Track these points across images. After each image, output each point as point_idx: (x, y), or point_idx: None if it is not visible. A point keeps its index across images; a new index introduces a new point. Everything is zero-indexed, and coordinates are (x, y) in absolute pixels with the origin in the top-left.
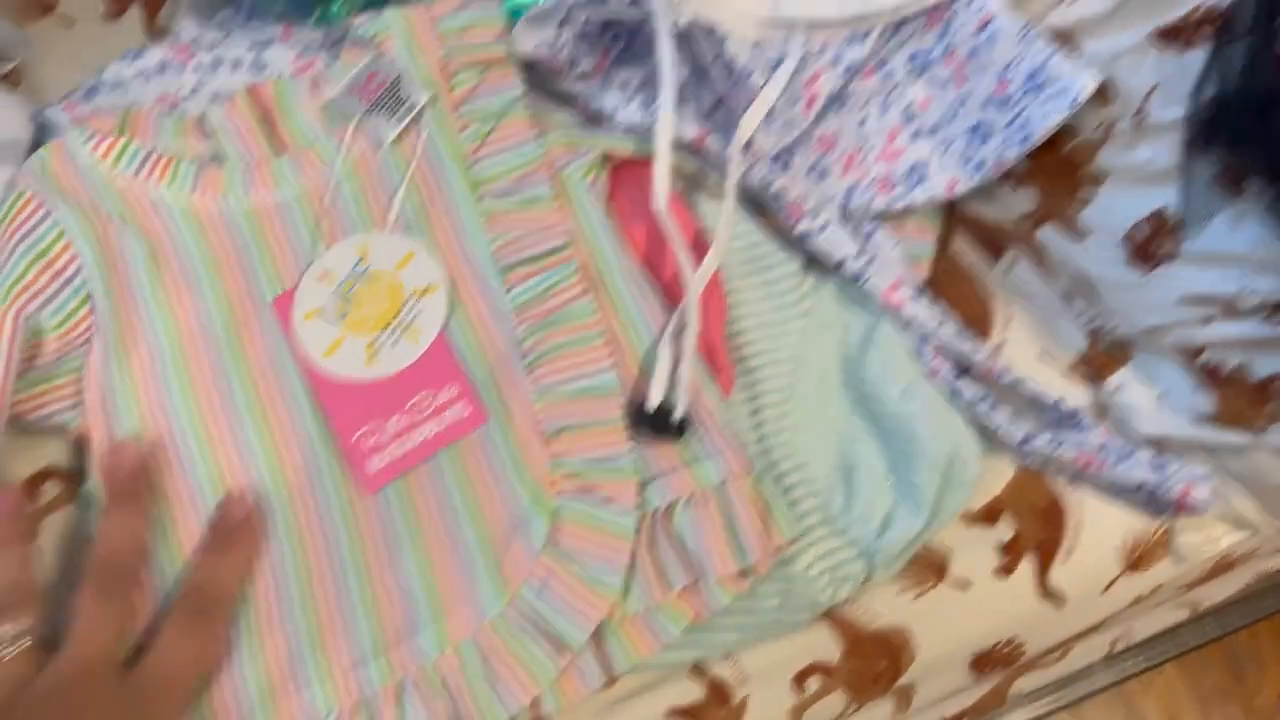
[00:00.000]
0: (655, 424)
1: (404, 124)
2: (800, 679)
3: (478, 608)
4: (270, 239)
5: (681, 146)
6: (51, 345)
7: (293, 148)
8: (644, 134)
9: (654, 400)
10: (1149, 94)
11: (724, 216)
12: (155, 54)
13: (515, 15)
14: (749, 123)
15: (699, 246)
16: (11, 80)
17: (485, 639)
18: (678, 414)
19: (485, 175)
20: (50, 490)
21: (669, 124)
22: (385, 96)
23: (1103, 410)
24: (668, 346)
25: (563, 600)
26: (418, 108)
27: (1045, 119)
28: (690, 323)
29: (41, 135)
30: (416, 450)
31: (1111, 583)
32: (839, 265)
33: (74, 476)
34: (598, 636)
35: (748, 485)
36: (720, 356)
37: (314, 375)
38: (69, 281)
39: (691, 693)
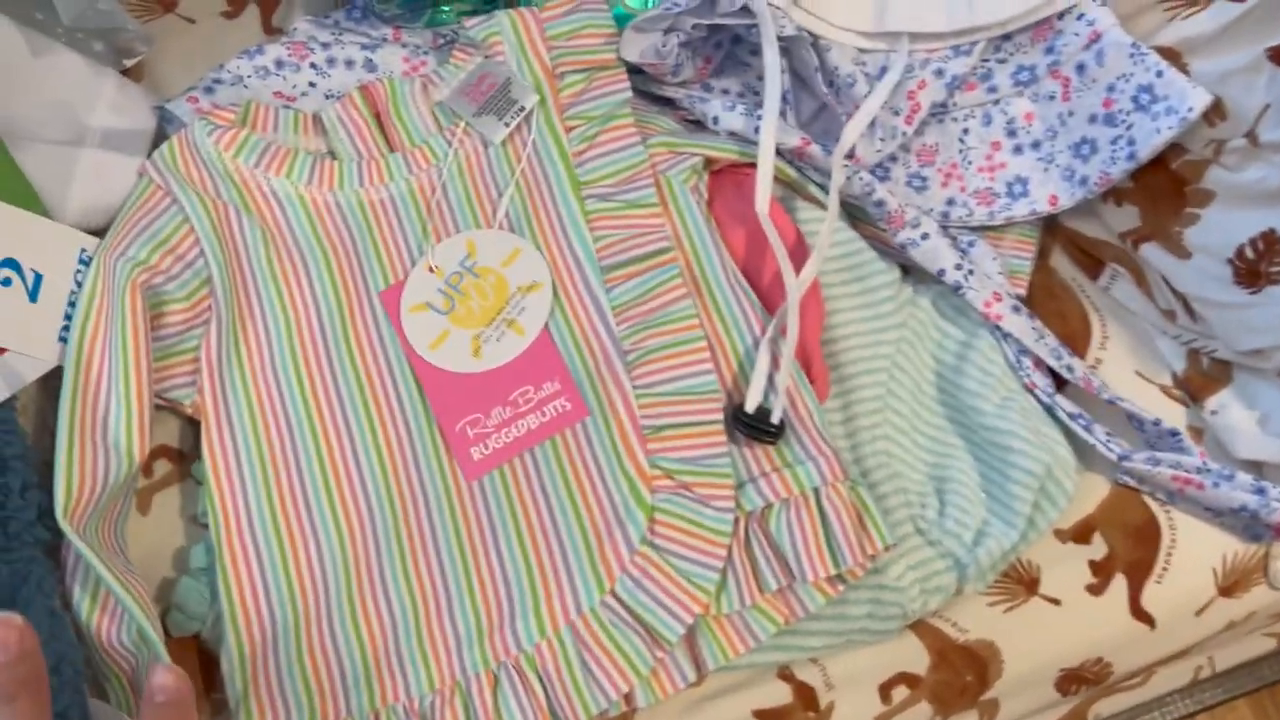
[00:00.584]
0: (753, 426)
1: (513, 126)
2: (886, 688)
3: (575, 597)
4: (380, 232)
5: (783, 153)
6: (176, 318)
7: (404, 146)
8: (746, 140)
9: (752, 403)
10: (1261, 114)
11: (826, 223)
12: (273, 52)
13: (620, 20)
14: (853, 131)
15: (798, 252)
16: (135, 75)
17: (582, 628)
18: (775, 417)
19: (590, 177)
20: (161, 468)
21: (773, 131)
22: (495, 98)
23: (1200, 432)
24: (766, 350)
25: (659, 595)
26: (527, 110)
27: (1153, 136)
28: (790, 328)
29: (165, 127)
30: (518, 441)
31: (1205, 606)
32: (939, 275)
33: (185, 455)
34: (690, 634)
35: (844, 490)
36: (816, 362)
37: (419, 365)
38: (190, 264)
39: (778, 695)
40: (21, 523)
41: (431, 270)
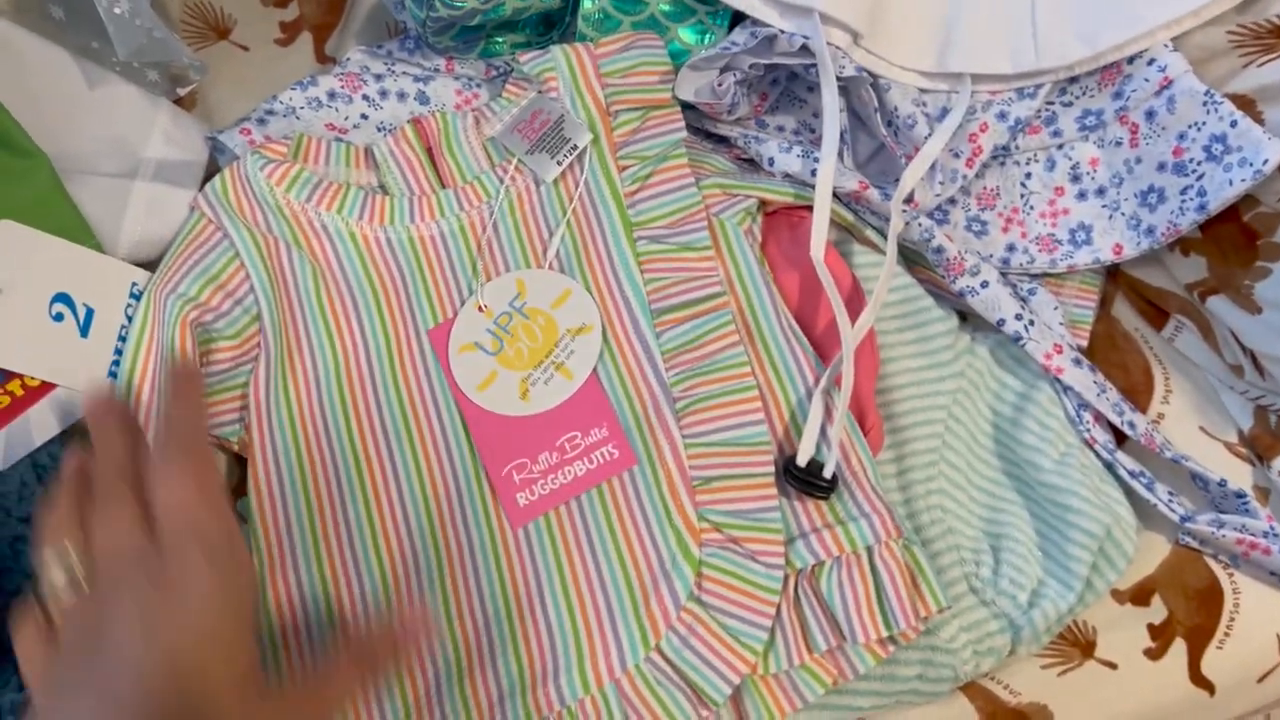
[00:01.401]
0: (804, 480)
1: (566, 165)
2: None
3: (621, 653)
4: (430, 269)
5: (840, 196)
6: (225, 354)
7: (455, 181)
8: (801, 183)
9: (804, 456)
10: None
11: (885, 270)
12: (325, 83)
13: (676, 57)
14: (912, 175)
15: (854, 299)
16: (187, 103)
17: (627, 686)
18: (828, 471)
19: (642, 218)
20: None
21: (830, 174)
22: (549, 135)
23: (1266, 492)
24: (820, 401)
25: (705, 654)
26: (580, 149)
27: (1225, 188)
28: (845, 378)
29: (216, 158)
30: (565, 488)
31: (1269, 673)
32: (998, 325)
33: (233, 492)
34: (736, 693)
35: (898, 549)
36: (871, 414)
37: (467, 407)
38: (239, 301)
39: None
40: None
41: (481, 310)
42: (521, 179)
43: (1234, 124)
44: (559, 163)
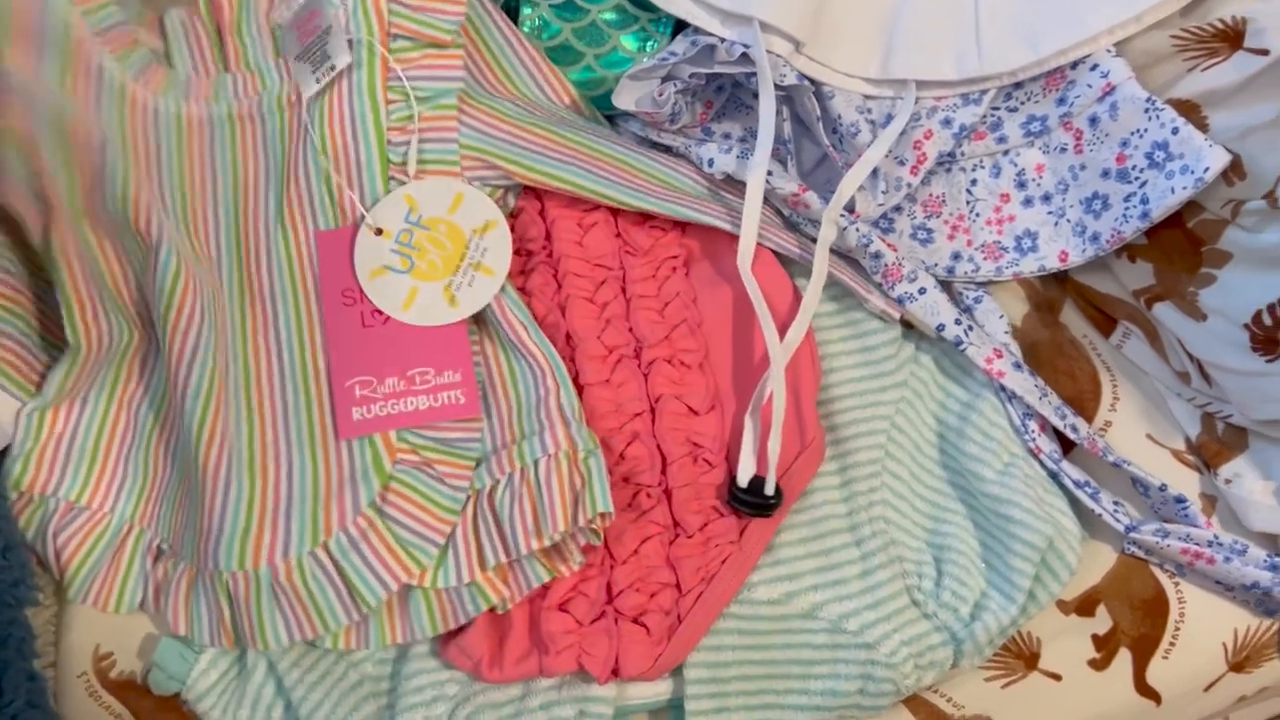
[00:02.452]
0: (749, 502)
1: (323, 85)
2: None
3: (286, 541)
4: (190, 149)
5: (779, 201)
6: None
7: (238, 65)
8: (740, 183)
9: (744, 476)
10: None
11: (813, 280)
12: None
13: (618, 65)
14: (851, 182)
15: (795, 312)
16: None
17: (282, 573)
18: (769, 488)
19: (398, 159)
20: None
21: (760, 183)
22: (315, 45)
23: (1214, 500)
24: (750, 421)
25: (371, 559)
26: (336, 70)
27: (1167, 196)
28: (776, 395)
29: None
30: (402, 417)
31: (1214, 682)
32: (938, 331)
33: None
34: (405, 601)
35: (564, 461)
36: (811, 427)
37: (329, 313)
38: None
39: None
40: (3, 584)
41: (379, 233)
42: (292, 82)
43: (1175, 131)
44: (317, 80)
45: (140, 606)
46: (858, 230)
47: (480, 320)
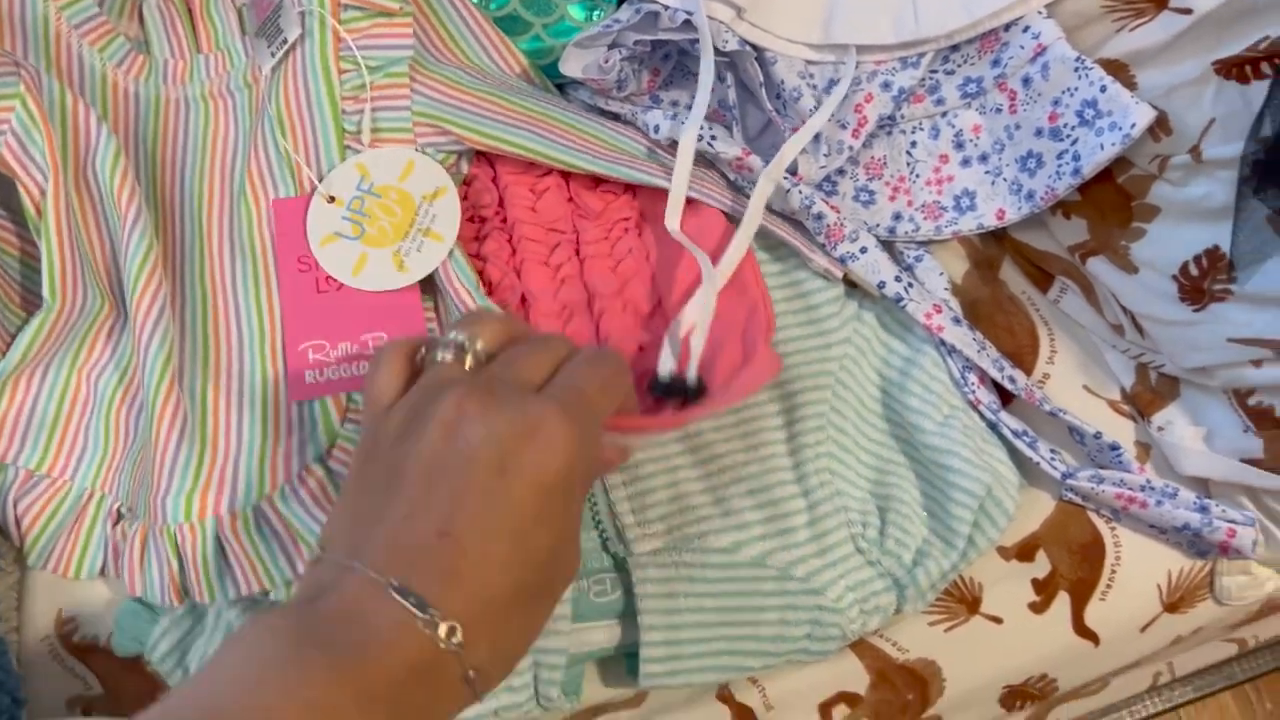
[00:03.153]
0: (670, 389)
1: (279, 58)
2: (826, 707)
3: (232, 495)
4: (165, 130)
5: (724, 165)
6: None
7: (209, 46)
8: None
9: (664, 368)
10: (1206, 129)
11: (745, 222)
12: None
13: (564, 34)
14: (793, 147)
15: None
16: None
17: (228, 525)
18: (690, 376)
19: (352, 128)
20: None
21: (691, 143)
22: (270, 20)
23: (1148, 448)
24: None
25: (315, 512)
26: (289, 44)
27: (1097, 152)
28: (705, 306)
29: None
30: (354, 381)
31: (1150, 623)
32: (879, 289)
33: None
34: None
35: None
36: (759, 350)
37: (284, 279)
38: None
39: (717, 717)
40: None
41: (331, 201)
42: (254, 56)
43: (1104, 89)
44: (272, 54)
45: (101, 573)
46: (801, 193)
47: (434, 288)
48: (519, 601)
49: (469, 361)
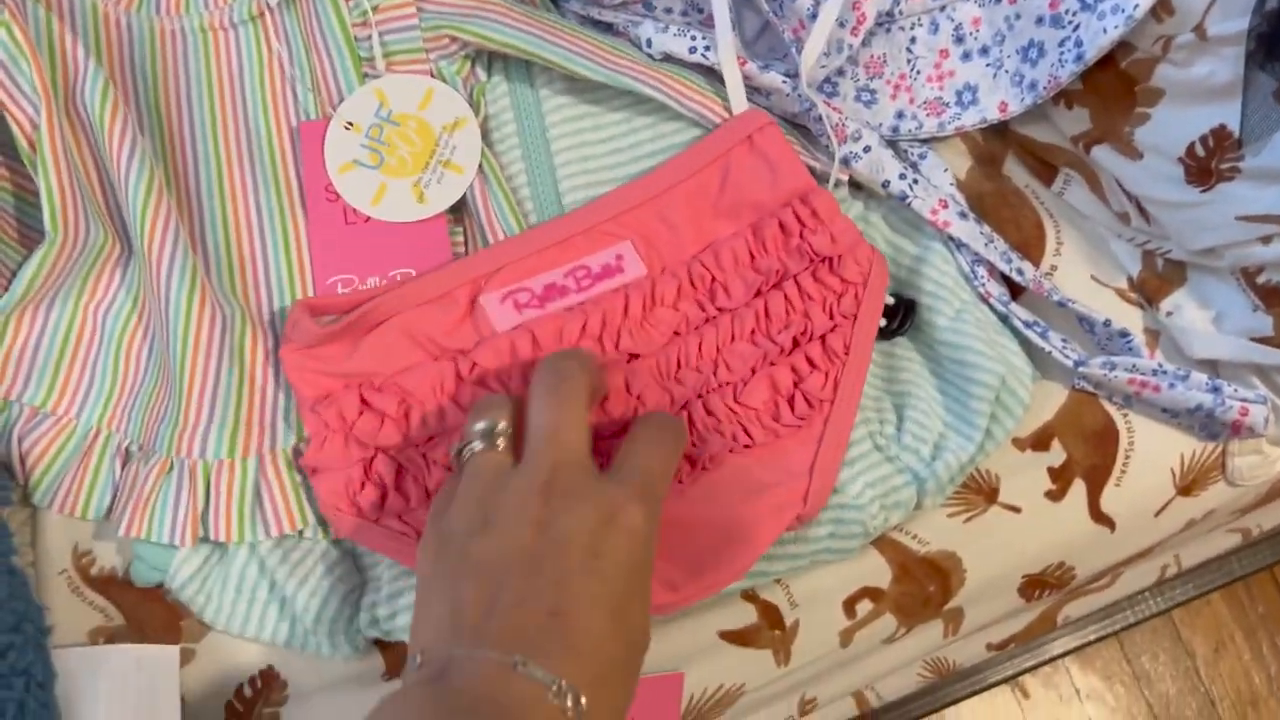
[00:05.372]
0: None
1: None
2: (850, 603)
3: (274, 436)
4: (164, 62)
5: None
6: None
7: None
8: (679, 61)
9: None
10: (1209, 6)
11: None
12: None
13: None
14: (812, 52)
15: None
16: None
17: (269, 464)
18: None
19: (366, 54)
20: None
21: (731, 46)
22: None
23: (1157, 335)
24: None
25: None
26: None
27: (1100, 36)
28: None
29: None
30: None
31: (1164, 506)
32: (884, 187)
33: None
34: None
35: None
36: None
37: (312, 207)
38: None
39: (744, 616)
40: None
41: (349, 127)
42: None
43: None
44: None
45: (109, 515)
46: (800, 96)
47: (466, 220)
48: (625, 667)
49: (501, 444)
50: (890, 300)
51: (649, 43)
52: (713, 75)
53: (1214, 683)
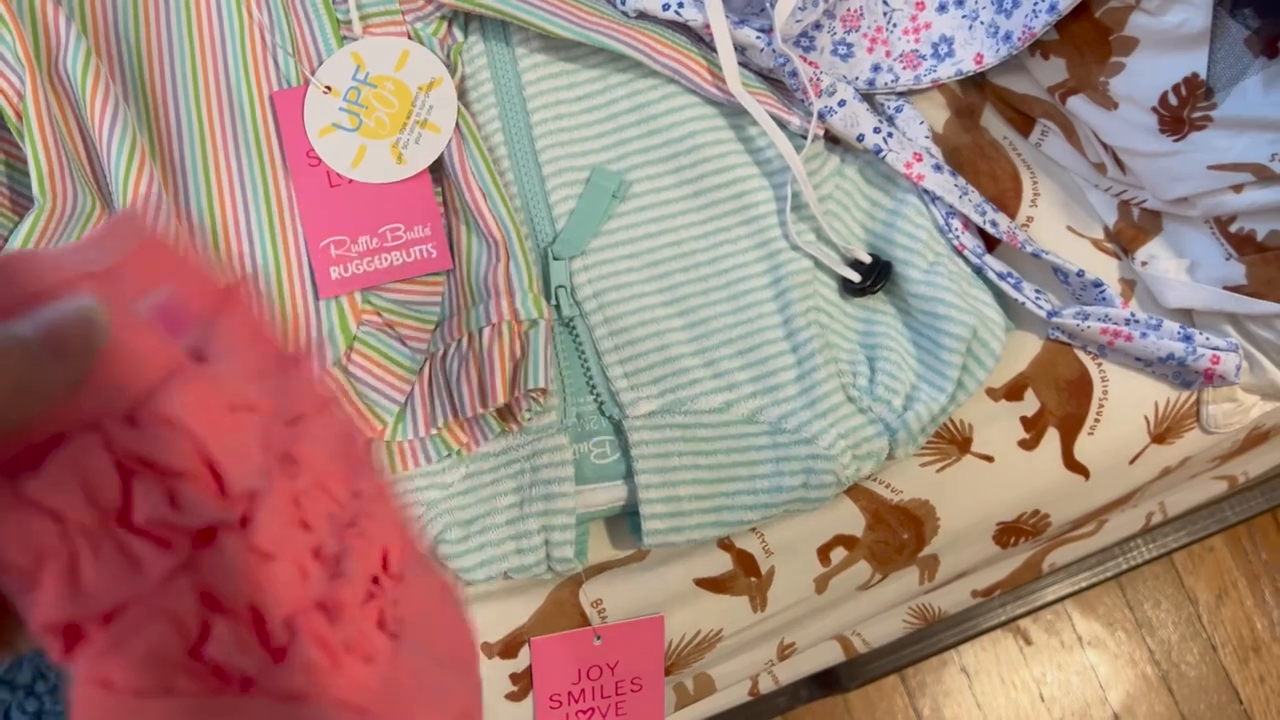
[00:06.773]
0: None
1: None
2: (825, 550)
3: None
4: (146, 20)
5: (692, 30)
6: None
7: None
8: (654, 18)
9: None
10: None
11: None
12: None
13: None
14: (785, 7)
15: None
16: None
17: None
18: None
19: (344, 17)
20: None
21: (721, 11)
22: None
23: (1133, 285)
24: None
25: None
26: None
27: None
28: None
29: None
30: (379, 274)
31: (1139, 454)
32: (858, 141)
33: None
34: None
35: (506, 332)
36: None
37: (295, 174)
38: None
39: (719, 564)
40: None
41: (327, 91)
42: None
43: None
44: None
45: None
46: (774, 51)
47: (444, 180)
48: None
49: None
50: (867, 259)
51: (623, 0)
52: (689, 32)
53: (1216, 629)
